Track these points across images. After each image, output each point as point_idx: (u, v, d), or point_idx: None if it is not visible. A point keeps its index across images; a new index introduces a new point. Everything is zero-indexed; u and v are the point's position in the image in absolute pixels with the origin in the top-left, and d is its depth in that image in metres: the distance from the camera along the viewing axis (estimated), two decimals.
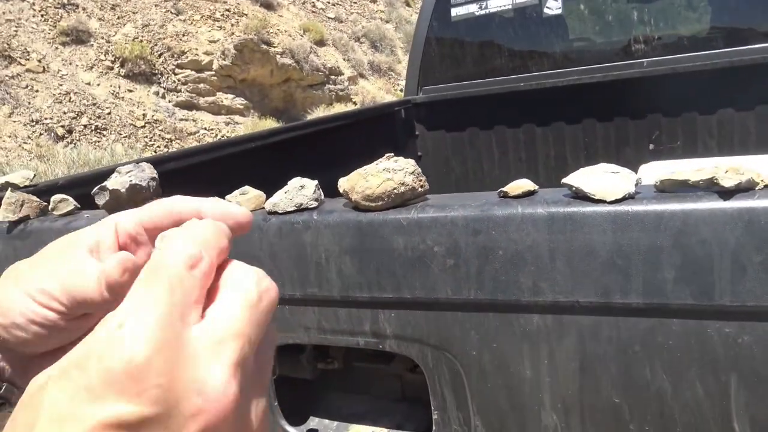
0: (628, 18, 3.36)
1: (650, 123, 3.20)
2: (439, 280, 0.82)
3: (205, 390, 0.29)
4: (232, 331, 0.32)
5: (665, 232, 0.70)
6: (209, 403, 0.29)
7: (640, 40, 3.25)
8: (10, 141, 8.14)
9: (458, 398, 0.85)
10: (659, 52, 3.17)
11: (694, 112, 3.13)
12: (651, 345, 0.73)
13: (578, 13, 3.55)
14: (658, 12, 3.33)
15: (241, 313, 0.33)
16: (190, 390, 0.29)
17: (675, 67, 3.04)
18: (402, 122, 3.54)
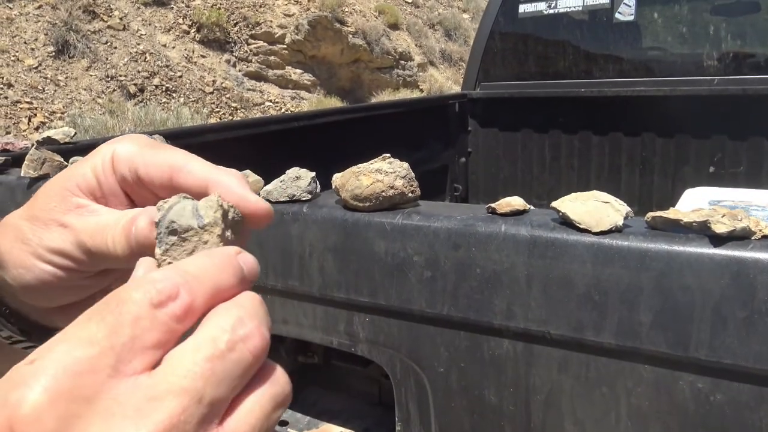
0: (704, 31, 3.20)
1: (713, 144, 3.05)
2: (415, 290, 0.79)
3: None
4: (176, 386, 0.25)
5: (647, 272, 0.66)
6: None
7: (714, 56, 3.09)
8: (85, 93, 8.46)
9: (422, 413, 0.82)
10: (732, 71, 3.01)
11: (761, 138, 2.96)
12: (619, 389, 0.69)
13: (652, 21, 3.40)
14: (739, 27, 3.16)
15: (194, 364, 0.25)
16: None
17: (747, 88, 2.88)
18: (456, 116, 3.49)
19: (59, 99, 8.14)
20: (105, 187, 0.38)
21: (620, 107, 3.16)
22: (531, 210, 0.79)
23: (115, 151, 0.37)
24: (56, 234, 0.38)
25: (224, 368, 0.26)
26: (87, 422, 0.23)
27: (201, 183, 0.35)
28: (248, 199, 0.34)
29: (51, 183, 0.39)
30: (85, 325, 0.26)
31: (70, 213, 0.38)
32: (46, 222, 0.38)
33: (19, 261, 0.39)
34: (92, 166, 0.38)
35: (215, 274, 0.28)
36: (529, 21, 3.57)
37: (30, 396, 0.23)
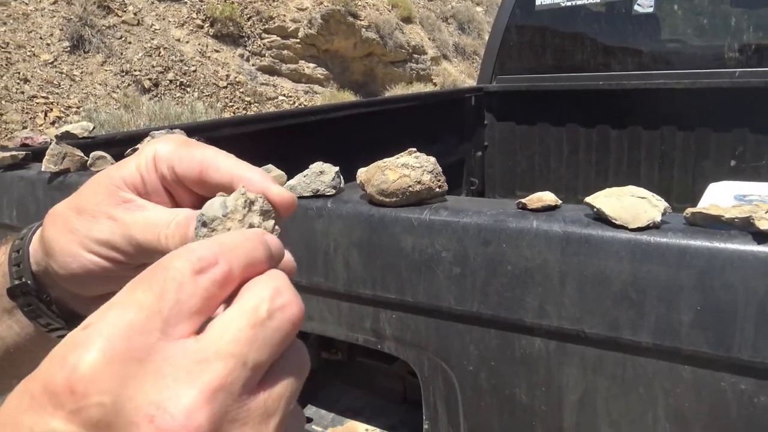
0: (725, 23, 3.14)
1: (735, 137, 3.00)
2: (444, 287, 0.78)
3: (161, 417, 0.24)
4: (223, 350, 0.26)
5: (687, 270, 0.64)
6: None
7: (735, 48, 3.03)
8: (100, 88, 8.50)
9: (450, 412, 0.81)
10: (754, 63, 2.96)
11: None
12: (657, 389, 0.67)
13: (671, 13, 3.35)
14: (760, 18, 3.10)
15: (238, 331, 0.27)
16: (142, 415, 0.24)
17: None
18: (472, 110, 3.46)
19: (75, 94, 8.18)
20: (148, 184, 0.40)
21: (639, 100, 3.11)
22: (563, 206, 0.77)
23: (156, 151, 0.39)
24: (104, 226, 0.39)
25: (265, 335, 0.27)
26: (140, 382, 0.24)
27: (227, 178, 0.37)
28: (270, 190, 0.36)
29: (97, 178, 0.41)
30: (132, 293, 0.27)
31: (119, 207, 0.39)
32: (94, 214, 0.40)
33: (66, 250, 0.40)
34: (137, 165, 0.40)
35: (248, 247, 0.30)
36: (546, 13, 3.53)
37: (87, 357, 0.24)
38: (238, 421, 0.26)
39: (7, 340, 0.46)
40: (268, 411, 0.27)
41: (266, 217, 0.36)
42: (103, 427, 0.24)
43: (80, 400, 0.24)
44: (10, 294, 0.44)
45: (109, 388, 0.24)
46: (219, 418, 0.25)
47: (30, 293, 0.44)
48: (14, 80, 7.65)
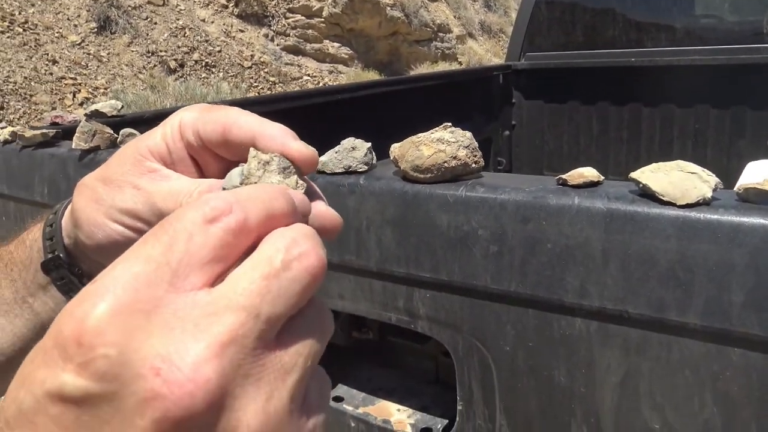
0: None
1: None
2: (480, 266, 0.75)
3: (168, 369, 0.23)
4: (233, 302, 0.25)
5: (740, 249, 0.61)
6: (168, 387, 0.23)
7: None
8: (126, 69, 8.56)
9: (486, 393, 0.79)
10: None
11: None
12: (704, 373, 0.64)
13: None
14: None
15: (251, 282, 0.26)
16: (149, 367, 0.23)
17: None
18: (500, 88, 3.40)
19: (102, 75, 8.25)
20: (174, 153, 0.40)
21: (672, 77, 3.03)
22: (605, 182, 0.74)
23: (182, 118, 0.39)
24: (129, 195, 0.39)
25: (279, 286, 0.26)
26: (147, 334, 0.24)
27: (248, 135, 0.37)
28: (290, 146, 0.36)
29: (124, 149, 0.41)
30: (142, 246, 0.26)
31: (144, 176, 0.39)
32: (120, 184, 0.40)
33: (92, 219, 0.40)
34: (162, 134, 0.40)
35: (266, 198, 0.29)
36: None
37: (93, 310, 0.24)
38: (251, 376, 0.25)
39: (42, 315, 0.46)
40: (285, 367, 0.26)
41: (287, 174, 0.35)
42: (111, 379, 0.23)
43: (87, 352, 0.23)
44: (43, 268, 0.44)
45: (115, 340, 0.23)
46: (230, 372, 0.24)
47: (63, 267, 0.44)
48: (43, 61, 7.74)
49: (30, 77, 7.40)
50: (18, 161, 1.34)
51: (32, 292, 0.46)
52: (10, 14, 7.86)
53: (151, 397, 0.23)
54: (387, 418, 0.96)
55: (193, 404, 0.23)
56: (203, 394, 0.23)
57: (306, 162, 0.36)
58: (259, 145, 0.36)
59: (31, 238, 0.46)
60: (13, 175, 1.36)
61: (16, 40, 7.66)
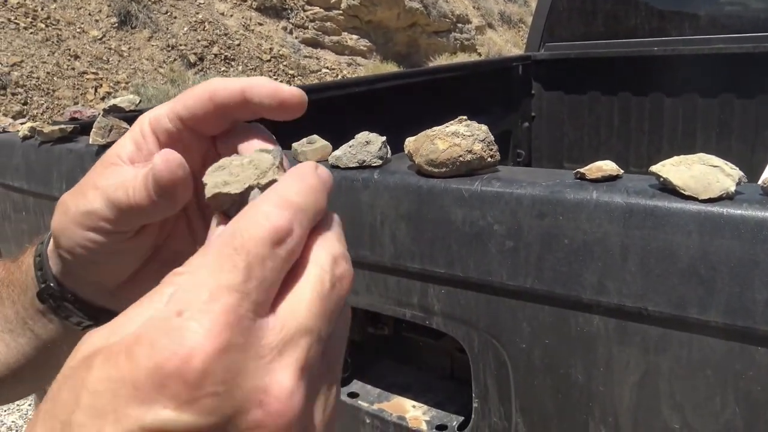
0: None
1: None
2: (495, 261, 0.74)
3: (268, 401, 0.25)
4: (302, 326, 0.27)
5: (764, 245, 0.59)
6: (271, 417, 0.25)
7: None
8: (147, 63, 8.62)
9: (501, 391, 0.78)
10: None
11: None
12: (726, 372, 0.62)
13: None
14: None
15: (311, 305, 0.27)
16: (252, 400, 0.25)
17: None
18: (519, 79, 3.36)
19: (123, 69, 8.32)
20: (144, 150, 0.40)
21: (696, 66, 2.97)
22: (625, 175, 0.72)
23: (151, 116, 0.40)
24: (89, 197, 0.40)
25: (330, 305, 0.28)
26: (245, 367, 0.25)
27: (237, 92, 0.37)
28: (281, 89, 0.37)
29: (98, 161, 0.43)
30: (219, 272, 0.26)
31: (105, 178, 0.40)
32: (83, 190, 0.40)
33: (64, 232, 0.41)
34: (132, 136, 0.41)
35: (314, 201, 0.29)
36: None
37: (197, 349, 0.24)
38: (316, 392, 0.28)
39: (42, 336, 0.47)
40: (331, 376, 0.29)
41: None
42: (217, 414, 0.24)
43: (195, 391, 0.24)
44: (39, 298, 0.46)
45: (222, 378, 0.24)
46: (309, 391, 0.26)
47: (55, 295, 0.45)
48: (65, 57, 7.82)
49: (52, 72, 7.49)
50: (37, 157, 1.35)
51: (31, 315, 0.47)
52: (33, 10, 7.95)
53: (254, 427, 0.25)
54: (402, 415, 0.95)
55: (289, 427, 0.25)
56: (296, 416, 0.25)
57: (296, 104, 0.37)
58: (248, 94, 0.37)
59: (26, 263, 0.48)
60: (32, 171, 1.37)
61: (38, 35, 7.76)
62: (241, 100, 0.37)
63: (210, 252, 0.27)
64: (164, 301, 0.26)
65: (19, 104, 6.88)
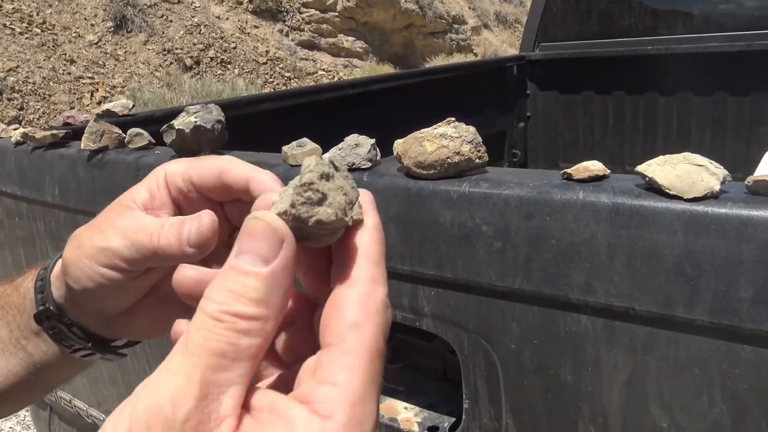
0: None
1: None
2: (484, 263, 0.74)
3: None
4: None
5: (749, 243, 0.59)
6: None
7: None
8: (143, 67, 8.62)
9: (491, 392, 0.78)
10: None
11: None
12: (713, 370, 0.63)
13: None
14: None
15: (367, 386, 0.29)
16: None
17: None
18: (514, 79, 3.36)
19: (119, 73, 8.32)
20: (158, 200, 0.44)
21: (690, 65, 2.97)
22: (611, 175, 0.72)
23: (167, 170, 0.44)
24: (108, 235, 0.43)
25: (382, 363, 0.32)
26: None
27: (242, 178, 0.41)
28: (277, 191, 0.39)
29: (112, 203, 0.46)
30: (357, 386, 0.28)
31: (123, 220, 0.44)
32: (102, 228, 0.44)
33: (76, 264, 0.44)
34: (147, 185, 0.45)
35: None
36: None
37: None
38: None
39: (35, 357, 0.50)
40: None
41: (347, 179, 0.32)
42: None
43: None
44: (36, 319, 0.49)
45: None
46: None
47: (53, 318, 0.48)
48: (61, 61, 7.82)
49: (49, 77, 7.48)
50: (29, 162, 1.35)
51: (26, 335, 0.50)
52: (29, 15, 7.95)
53: None
54: (394, 417, 0.95)
55: None
56: None
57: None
58: (251, 186, 0.41)
59: (24, 287, 0.51)
60: (25, 176, 1.37)
61: (34, 40, 7.75)
62: (244, 186, 0.41)
63: (360, 355, 0.28)
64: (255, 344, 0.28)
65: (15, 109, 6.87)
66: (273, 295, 0.28)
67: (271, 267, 0.28)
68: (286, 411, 0.27)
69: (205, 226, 0.41)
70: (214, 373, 0.26)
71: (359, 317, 0.29)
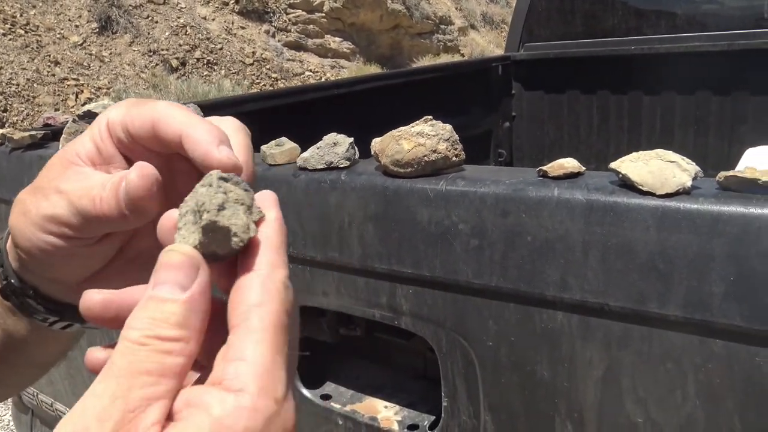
0: None
1: None
2: (461, 260, 0.74)
3: None
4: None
5: (720, 238, 0.59)
6: None
7: None
8: (129, 69, 8.57)
9: (470, 389, 0.78)
10: None
11: None
12: (686, 365, 0.63)
13: None
14: None
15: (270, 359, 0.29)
16: None
17: None
18: (499, 79, 3.37)
19: (104, 75, 8.26)
20: (104, 152, 0.39)
21: (673, 65, 3.00)
22: (586, 172, 0.73)
23: (109, 117, 0.39)
24: (52, 201, 0.38)
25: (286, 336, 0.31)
26: None
27: (176, 133, 0.36)
28: (212, 154, 0.34)
29: (54, 157, 0.41)
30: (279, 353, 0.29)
31: (67, 180, 0.38)
32: (45, 192, 0.39)
33: (23, 233, 0.40)
34: (90, 135, 0.39)
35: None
36: None
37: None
38: None
39: (15, 335, 0.46)
40: None
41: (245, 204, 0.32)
42: None
43: None
44: (1, 295, 0.45)
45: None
46: None
47: (17, 292, 0.44)
48: (45, 63, 7.75)
49: (33, 79, 7.42)
50: (8, 164, 1.34)
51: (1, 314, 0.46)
52: (12, 16, 7.88)
53: None
54: (374, 415, 0.95)
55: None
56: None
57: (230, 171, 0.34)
58: (185, 145, 0.35)
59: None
60: (3, 178, 1.36)
61: (18, 42, 7.68)
62: (177, 142, 0.36)
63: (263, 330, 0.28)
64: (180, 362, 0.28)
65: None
66: (193, 318, 0.29)
67: (189, 293, 0.29)
68: (200, 398, 0.27)
69: (132, 185, 0.36)
70: (140, 388, 0.26)
71: (262, 297, 0.29)
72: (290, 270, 0.32)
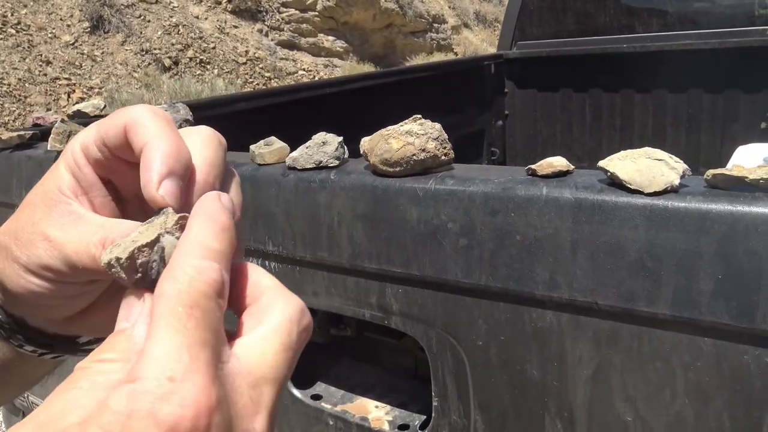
0: None
1: (765, 99, 2.88)
2: (450, 260, 0.74)
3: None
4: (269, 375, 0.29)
5: (708, 236, 0.59)
6: None
7: (765, 5, 2.90)
8: (121, 68, 8.53)
9: (460, 388, 0.78)
10: None
11: None
12: (675, 363, 0.63)
13: None
14: None
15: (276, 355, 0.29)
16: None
17: None
18: (491, 78, 3.37)
19: (96, 74, 8.22)
20: (83, 181, 0.38)
21: (665, 63, 3.00)
22: (575, 171, 0.72)
23: (81, 141, 0.37)
24: (42, 250, 0.37)
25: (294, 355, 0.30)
26: (233, 417, 0.27)
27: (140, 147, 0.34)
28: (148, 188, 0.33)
29: (33, 194, 0.39)
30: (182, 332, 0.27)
31: (54, 224, 0.37)
32: (31, 238, 0.37)
33: (12, 278, 0.39)
34: (66, 165, 0.38)
35: (230, 240, 0.31)
36: None
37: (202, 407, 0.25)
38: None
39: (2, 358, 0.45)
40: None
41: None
42: None
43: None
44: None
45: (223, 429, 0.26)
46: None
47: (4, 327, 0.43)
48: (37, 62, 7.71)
49: (24, 79, 7.38)
50: None
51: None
52: (2, 15, 7.83)
53: None
54: (365, 416, 0.95)
55: None
56: None
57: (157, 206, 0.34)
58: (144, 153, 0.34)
59: None
60: None
61: (9, 41, 7.64)
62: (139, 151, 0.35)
63: (161, 316, 0.27)
64: (113, 379, 0.27)
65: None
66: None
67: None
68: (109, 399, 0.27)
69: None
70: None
71: (162, 287, 0.29)
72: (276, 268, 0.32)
